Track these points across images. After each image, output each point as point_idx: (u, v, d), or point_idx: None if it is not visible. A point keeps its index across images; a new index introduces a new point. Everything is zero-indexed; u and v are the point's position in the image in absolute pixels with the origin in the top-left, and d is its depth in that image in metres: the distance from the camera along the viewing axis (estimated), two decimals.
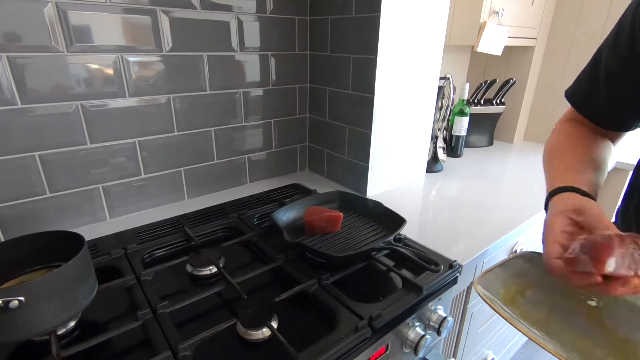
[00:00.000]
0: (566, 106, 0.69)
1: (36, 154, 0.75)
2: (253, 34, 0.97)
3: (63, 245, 0.59)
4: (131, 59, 0.80)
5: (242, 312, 0.57)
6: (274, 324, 0.56)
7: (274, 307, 0.58)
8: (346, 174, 1.09)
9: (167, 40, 0.84)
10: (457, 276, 0.72)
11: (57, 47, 0.71)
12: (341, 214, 0.80)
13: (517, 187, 1.18)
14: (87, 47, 0.74)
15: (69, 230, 0.81)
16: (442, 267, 0.67)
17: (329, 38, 1.02)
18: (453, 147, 1.42)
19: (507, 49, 1.46)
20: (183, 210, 0.93)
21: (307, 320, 0.61)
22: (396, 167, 1.10)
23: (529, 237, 1.02)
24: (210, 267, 0.70)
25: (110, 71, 0.78)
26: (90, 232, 0.82)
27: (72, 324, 0.57)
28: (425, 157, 1.18)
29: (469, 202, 1.03)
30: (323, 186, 1.10)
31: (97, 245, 0.77)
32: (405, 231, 0.81)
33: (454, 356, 0.97)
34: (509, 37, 1.27)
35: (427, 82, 1.05)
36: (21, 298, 0.47)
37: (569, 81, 0.61)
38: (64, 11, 0.70)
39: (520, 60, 1.52)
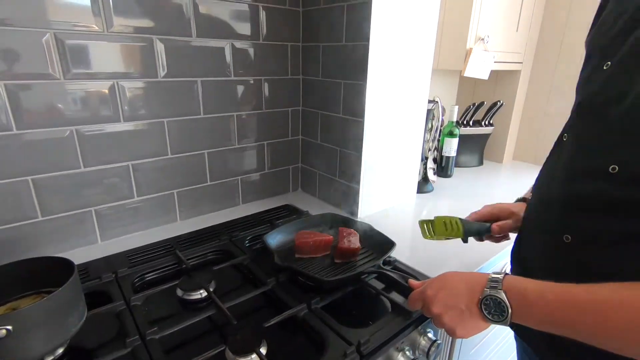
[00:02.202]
0: (554, 125, 0.72)
1: (29, 178, 0.75)
2: (247, 59, 0.99)
3: (53, 270, 0.59)
4: (127, 85, 0.82)
5: (231, 338, 0.57)
6: (263, 350, 0.56)
7: (263, 332, 0.58)
8: (338, 195, 1.11)
9: (163, 67, 0.86)
10: None
11: (54, 75, 0.73)
12: (331, 237, 0.81)
13: None
14: (84, 74, 0.76)
15: (61, 253, 0.82)
16: None
17: (320, 64, 1.05)
18: (443, 168, 1.44)
19: (495, 73, 1.51)
20: (175, 233, 0.93)
21: (296, 346, 0.61)
22: (387, 188, 1.12)
23: None
24: (201, 291, 0.70)
25: (105, 97, 0.80)
26: (81, 255, 0.82)
27: (60, 351, 0.57)
28: (415, 178, 1.20)
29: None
30: (315, 207, 1.11)
31: (88, 268, 0.77)
32: (397, 252, 0.82)
33: None
34: (495, 61, 1.32)
35: (415, 106, 1.09)
36: (9, 327, 0.47)
37: (554, 102, 0.63)
38: (61, 40, 0.72)
39: (508, 83, 1.56)
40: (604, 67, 0.47)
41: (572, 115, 0.54)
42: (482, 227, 0.72)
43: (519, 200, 0.76)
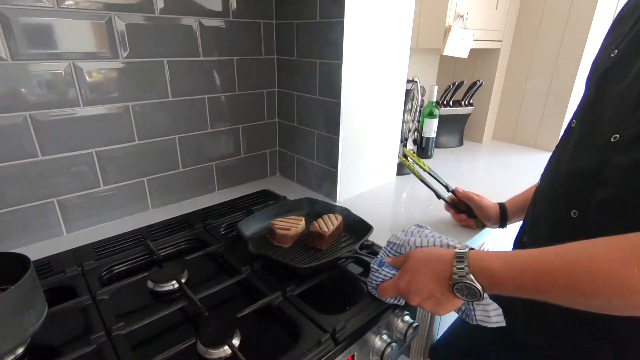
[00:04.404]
0: (532, 105, 0.74)
1: None
2: (217, 38, 0.94)
3: (8, 267, 0.55)
4: (84, 66, 0.76)
5: (202, 330, 0.55)
6: (236, 342, 0.54)
7: (236, 323, 0.57)
8: (316, 179, 1.09)
9: (124, 46, 0.80)
10: None
11: (0, 56, 0.67)
12: (304, 225, 0.80)
13: (486, 187, 1.20)
14: (34, 55, 0.70)
15: (22, 247, 0.78)
16: None
17: (295, 42, 1.01)
18: (423, 149, 1.43)
19: (475, 52, 1.49)
20: (147, 222, 0.90)
21: (270, 336, 0.60)
22: (366, 171, 1.10)
23: (496, 239, 1.05)
24: (173, 283, 0.68)
25: (61, 80, 0.74)
26: (45, 248, 0.78)
27: (20, 350, 0.54)
28: (395, 160, 1.19)
29: (439, 204, 1.04)
30: (294, 191, 1.09)
31: (51, 263, 0.73)
32: (376, 235, 0.80)
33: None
34: (475, 40, 1.29)
35: (394, 86, 1.06)
36: None
37: (533, 82, 0.63)
38: (6, 16, 0.66)
39: (487, 62, 1.55)
40: (612, 55, 0.51)
41: (580, 102, 0.58)
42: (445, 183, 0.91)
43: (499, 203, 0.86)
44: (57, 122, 0.76)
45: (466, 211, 0.90)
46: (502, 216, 0.83)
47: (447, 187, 0.92)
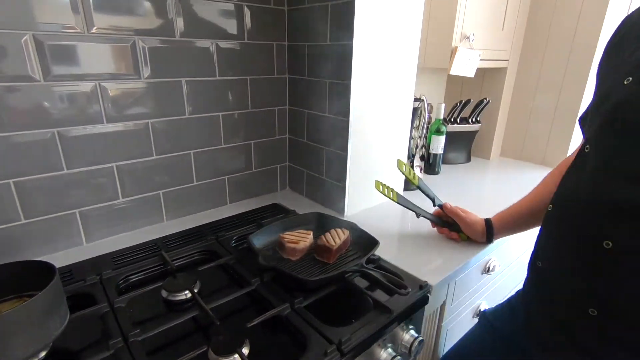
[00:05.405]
0: (540, 122, 0.74)
1: (11, 181, 0.75)
2: (232, 59, 0.99)
3: (34, 274, 0.59)
4: (109, 86, 0.82)
5: (214, 338, 0.58)
6: (245, 351, 0.56)
7: (245, 332, 0.59)
8: (325, 194, 1.12)
9: (146, 67, 0.86)
10: (428, 297, 0.74)
11: (34, 77, 0.72)
12: (312, 239, 0.82)
13: (493, 203, 1.20)
14: (65, 76, 0.76)
15: (45, 255, 0.82)
16: (410, 290, 0.69)
17: (306, 63, 1.05)
18: (431, 165, 1.46)
19: (482, 70, 1.52)
20: (162, 233, 0.93)
21: (278, 346, 0.62)
22: (374, 186, 1.12)
23: (502, 255, 1.05)
24: (186, 292, 0.70)
25: (87, 98, 0.80)
26: (66, 257, 0.82)
27: (42, 354, 0.57)
28: (402, 176, 1.21)
29: None
30: (303, 206, 1.12)
31: (72, 271, 0.77)
32: (382, 250, 0.83)
33: None
34: (481, 59, 1.33)
35: (401, 104, 1.09)
36: None
37: (541, 99, 0.65)
38: (40, 41, 0.72)
39: (494, 80, 1.58)
40: (625, 82, 0.50)
41: (593, 128, 0.56)
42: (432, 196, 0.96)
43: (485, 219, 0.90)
44: (82, 138, 0.81)
45: (452, 225, 0.93)
46: (488, 232, 0.88)
47: (433, 201, 0.95)
